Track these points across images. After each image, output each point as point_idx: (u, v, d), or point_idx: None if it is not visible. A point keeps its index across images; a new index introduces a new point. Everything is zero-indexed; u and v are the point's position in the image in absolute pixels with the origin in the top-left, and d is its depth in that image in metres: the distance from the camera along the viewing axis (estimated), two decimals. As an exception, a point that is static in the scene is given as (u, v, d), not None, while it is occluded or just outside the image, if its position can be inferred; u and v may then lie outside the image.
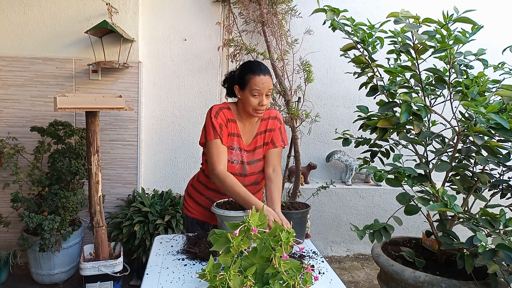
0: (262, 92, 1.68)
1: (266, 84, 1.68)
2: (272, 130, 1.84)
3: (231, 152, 1.76)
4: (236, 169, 1.77)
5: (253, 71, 1.68)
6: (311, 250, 1.64)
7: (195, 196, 1.90)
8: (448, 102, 1.90)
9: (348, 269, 3.34)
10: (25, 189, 2.79)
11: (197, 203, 1.89)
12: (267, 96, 1.71)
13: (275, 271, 1.09)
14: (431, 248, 2.04)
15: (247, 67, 1.72)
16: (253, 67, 1.70)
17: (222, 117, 1.73)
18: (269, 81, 1.70)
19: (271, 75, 1.73)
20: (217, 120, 1.72)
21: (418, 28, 1.62)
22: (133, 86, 3.06)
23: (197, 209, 1.89)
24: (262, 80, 1.67)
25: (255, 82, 1.67)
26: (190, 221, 1.91)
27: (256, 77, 1.67)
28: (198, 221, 1.89)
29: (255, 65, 1.71)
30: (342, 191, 3.52)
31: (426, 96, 1.91)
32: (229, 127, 1.75)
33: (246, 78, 1.69)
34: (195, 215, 1.89)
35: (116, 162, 3.13)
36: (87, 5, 2.96)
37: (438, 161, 1.89)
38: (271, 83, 1.71)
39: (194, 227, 1.90)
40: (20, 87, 2.96)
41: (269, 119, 1.85)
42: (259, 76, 1.67)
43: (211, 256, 1.09)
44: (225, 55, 3.27)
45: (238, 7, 3.12)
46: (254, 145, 1.81)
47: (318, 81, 3.46)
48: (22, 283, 2.88)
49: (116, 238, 2.81)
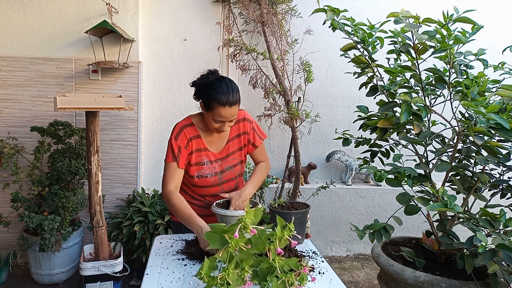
0: (225, 121, 1.61)
1: (231, 115, 1.60)
2: (247, 133, 1.82)
3: (202, 167, 1.75)
4: (212, 181, 1.79)
5: (219, 101, 1.55)
6: (311, 250, 1.64)
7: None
8: (448, 102, 1.90)
9: (348, 269, 3.34)
10: (25, 189, 2.79)
11: None
12: (230, 121, 1.63)
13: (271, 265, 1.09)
14: (431, 248, 2.04)
15: (214, 93, 1.56)
16: (221, 98, 1.55)
17: (182, 138, 1.69)
18: (234, 111, 1.60)
19: (239, 102, 1.61)
20: (177, 142, 1.68)
21: (418, 28, 1.62)
22: (133, 86, 3.06)
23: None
24: (226, 112, 1.57)
25: (219, 113, 1.57)
26: (178, 225, 1.86)
27: (221, 108, 1.56)
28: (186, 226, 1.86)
29: (224, 95, 1.55)
30: (342, 191, 3.52)
31: (426, 96, 1.91)
32: (193, 145, 1.71)
33: (211, 104, 1.58)
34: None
35: (116, 162, 3.13)
36: (87, 5, 2.96)
37: (438, 161, 1.89)
38: (235, 114, 1.62)
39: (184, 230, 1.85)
40: (20, 87, 2.96)
41: (239, 123, 1.80)
42: (224, 108, 1.56)
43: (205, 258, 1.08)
44: (225, 55, 3.27)
45: (238, 7, 3.11)
46: (226, 151, 1.79)
47: (318, 81, 3.46)
48: (22, 283, 2.88)
49: (116, 238, 2.81)
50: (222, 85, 1.58)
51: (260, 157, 1.91)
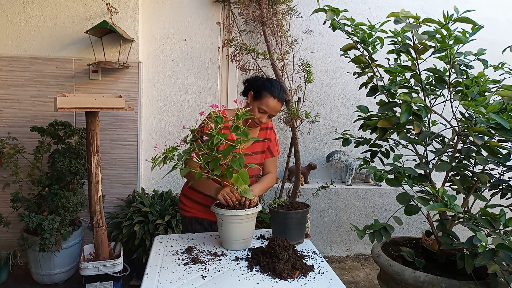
0: (267, 112, 1.79)
1: (274, 108, 1.79)
2: (270, 140, 1.97)
3: None
4: None
5: (271, 92, 1.77)
6: (311, 250, 1.64)
7: (191, 195, 1.97)
8: (448, 102, 1.90)
9: (348, 269, 3.34)
10: (25, 189, 2.79)
11: (194, 201, 1.96)
12: (269, 117, 1.83)
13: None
14: (431, 248, 2.04)
15: (269, 85, 1.79)
16: (274, 89, 1.78)
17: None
18: (278, 107, 1.81)
19: (284, 102, 1.87)
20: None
21: (418, 28, 1.62)
22: (133, 86, 3.06)
23: (195, 207, 1.96)
24: (273, 103, 1.77)
25: (267, 102, 1.77)
26: (189, 220, 1.98)
27: (270, 99, 1.77)
28: (197, 219, 1.96)
29: (277, 89, 1.79)
30: (342, 191, 3.52)
31: (426, 96, 1.91)
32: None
33: (263, 93, 1.78)
34: (193, 213, 1.96)
35: (116, 162, 3.13)
36: (87, 5, 2.96)
37: (438, 161, 1.89)
38: (279, 110, 1.82)
39: (194, 225, 1.96)
40: (20, 87, 2.96)
41: (267, 130, 1.98)
42: (273, 100, 1.77)
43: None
44: (225, 55, 3.27)
45: (238, 7, 3.11)
46: (252, 149, 1.89)
47: (318, 81, 3.46)
48: (22, 283, 2.88)
49: (116, 238, 2.81)
50: (277, 83, 1.83)
51: (270, 167, 2.02)
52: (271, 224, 1.74)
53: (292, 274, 1.36)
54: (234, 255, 1.56)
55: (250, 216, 1.59)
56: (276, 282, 1.33)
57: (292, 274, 1.36)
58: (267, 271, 1.40)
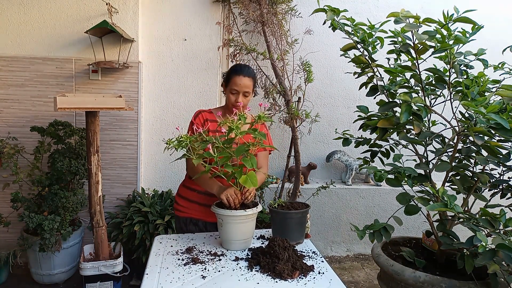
0: (239, 91, 1.84)
1: (243, 84, 1.84)
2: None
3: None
4: None
5: (235, 72, 1.85)
6: (311, 250, 1.64)
7: (187, 195, 1.97)
8: (448, 102, 1.90)
9: (348, 269, 3.34)
10: (25, 189, 2.79)
11: (190, 201, 1.96)
12: (244, 96, 1.86)
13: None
14: (431, 248, 2.04)
15: (232, 67, 1.90)
16: (237, 68, 1.87)
17: (200, 118, 1.90)
18: (248, 83, 1.85)
19: (253, 78, 1.89)
20: (195, 121, 1.89)
21: (418, 28, 1.62)
22: (133, 86, 3.06)
23: (190, 207, 1.96)
24: (240, 80, 1.83)
25: (234, 81, 1.84)
26: (183, 221, 1.97)
27: (236, 77, 1.84)
28: (191, 220, 1.95)
29: (240, 67, 1.88)
30: (342, 191, 3.52)
31: (426, 96, 1.91)
32: (210, 126, 1.86)
33: (230, 76, 1.87)
34: (188, 213, 1.96)
35: (116, 162, 3.13)
36: (87, 5, 2.96)
37: (438, 161, 1.89)
38: (249, 86, 1.86)
39: (188, 226, 1.95)
40: (20, 87, 2.96)
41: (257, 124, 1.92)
42: (239, 77, 1.83)
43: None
44: (225, 55, 3.27)
45: (238, 7, 3.11)
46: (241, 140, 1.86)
47: (318, 81, 3.46)
48: (22, 283, 2.88)
49: (116, 238, 2.81)
50: (240, 64, 1.95)
51: (262, 162, 1.97)
52: (271, 224, 1.74)
53: (292, 274, 1.36)
54: (234, 255, 1.56)
55: (250, 216, 1.59)
56: (276, 282, 1.33)
57: (292, 274, 1.36)
58: (267, 271, 1.40)
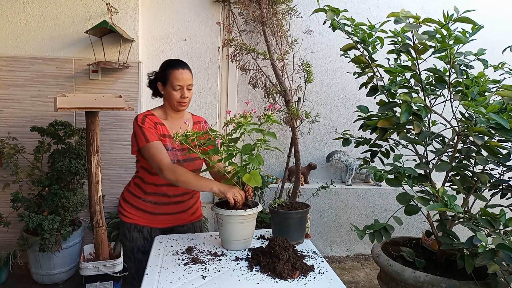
0: (183, 85, 1.77)
1: (186, 77, 1.78)
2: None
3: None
4: None
5: (173, 66, 1.78)
6: (311, 250, 1.64)
7: (132, 201, 1.89)
8: (448, 102, 1.90)
9: (348, 269, 3.34)
10: (25, 189, 2.79)
11: (136, 208, 1.88)
12: (188, 89, 1.80)
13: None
14: (431, 248, 2.04)
15: (167, 63, 1.82)
16: (173, 62, 1.80)
17: (148, 122, 1.79)
18: (189, 75, 1.80)
19: (190, 70, 1.83)
20: (145, 125, 1.77)
21: (418, 28, 1.62)
22: (133, 86, 3.06)
23: (136, 214, 1.87)
24: (181, 73, 1.77)
25: (175, 76, 1.76)
26: (128, 226, 1.87)
27: (176, 71, 1.76)
28: (136, 226, 1.87)
29: (175, 61, 1.81)
30: (342, 191, 3.52)
31: (426, 96, 1.91)
32: (159, 130, 1.80)
33: (167, 73, 1.78)
34: (133, 220, 1.87)
35: (116, 162, 3.13)
36: (87, 5, 2.96)
37: (438, 161, 1.89)
38: (191, 78, 1.81)
39: (132, 233, 1.86)
40: (20, 87, 2.96)
41: (200, 123, 1.94)
42: (178, 70, 1.77)
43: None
44: (225, 55, 3.27)
45: (238, 7, 3.11)
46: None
47: (318, 81, 3.46)
48: (22, 283, 2.88)
49: (116, 238, 2.81)
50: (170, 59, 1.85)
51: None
52: (271, 224, 1.74)
53: (292, 274, 1.36)
54: (234, 255, 1.56)
55: (250, 216, 1.59)
56: (276, 282, 1.33)
57: (292, 274, 1.36)
58: (267, 271, 1.40)
